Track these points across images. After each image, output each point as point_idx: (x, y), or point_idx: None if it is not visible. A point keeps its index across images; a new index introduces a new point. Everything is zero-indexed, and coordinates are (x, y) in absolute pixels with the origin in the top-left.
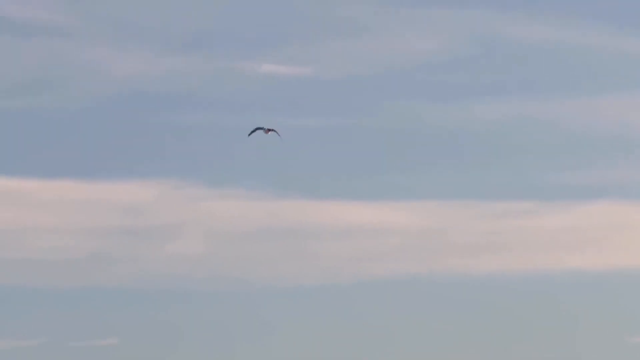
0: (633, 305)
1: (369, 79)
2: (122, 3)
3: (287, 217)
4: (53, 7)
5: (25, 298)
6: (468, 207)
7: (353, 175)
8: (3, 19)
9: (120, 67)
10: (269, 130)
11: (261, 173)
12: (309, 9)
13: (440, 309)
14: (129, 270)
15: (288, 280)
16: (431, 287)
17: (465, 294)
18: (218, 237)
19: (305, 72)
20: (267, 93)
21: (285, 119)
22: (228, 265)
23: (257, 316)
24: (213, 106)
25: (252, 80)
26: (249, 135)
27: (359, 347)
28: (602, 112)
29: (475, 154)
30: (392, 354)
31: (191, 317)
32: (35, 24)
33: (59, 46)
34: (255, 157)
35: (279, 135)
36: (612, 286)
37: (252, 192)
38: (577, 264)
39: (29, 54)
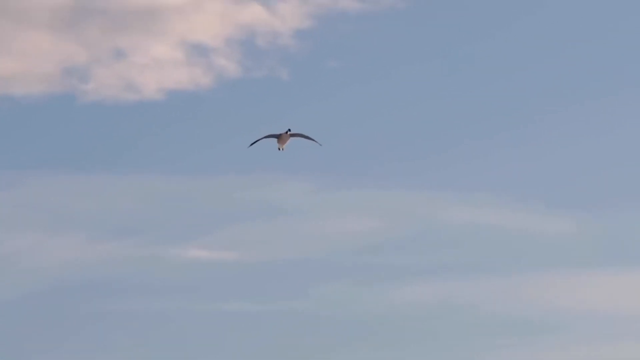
0: None
1: (295, 262)
2: (52, 189)
3: None
4: None
5: None
6: None
7: (279, 359)
8: None
9: (48, 254)
10: (287, 135)
11: (186, 359)
12: (235, 193)
13: None
14: None
15: None
16: None
17: None
18: None
19: (231, 256)
20: (193, 278)
21: (211, 304)
22: None
23: None
24: (139, 292)
25: (178, 266)
26: (250, 145)
27: None
28: (522, 293)
29: (395, 337)
30: None
31: None
32: None
33: None
34: (179, 343)
35: (314, 140)
36: None
37: None
38: None
39: None
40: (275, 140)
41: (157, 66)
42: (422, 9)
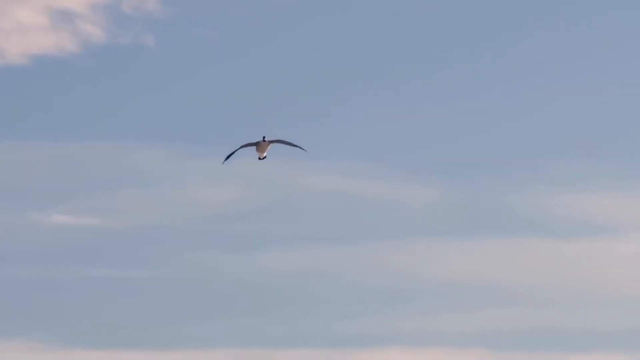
0: None
1: (160, 229)
2: None
3: None
4: None
5: None
6: (260, 356)
7: (144, 325)
8: None
9: None
10: (266, 143)
11: (48, 324)
12: (98, 160)
13: None
14: None
15: None
16: None
17: None
18: None
19: (95, 222)
20: (57, 244)
21: (76, 269)
22: None
23: None
24: (1, 258)
25: (42, 232)
26: (225, 160)
27: None
28: (383, 261)
29: (256, 304)
30: None
31: None
32: None
33: None
34: (42, 309)
35: (298, 146)
36: None
37: (37, 344)
38: None
39: None
40: (254, 149)
41: (21, 31)
42: None
